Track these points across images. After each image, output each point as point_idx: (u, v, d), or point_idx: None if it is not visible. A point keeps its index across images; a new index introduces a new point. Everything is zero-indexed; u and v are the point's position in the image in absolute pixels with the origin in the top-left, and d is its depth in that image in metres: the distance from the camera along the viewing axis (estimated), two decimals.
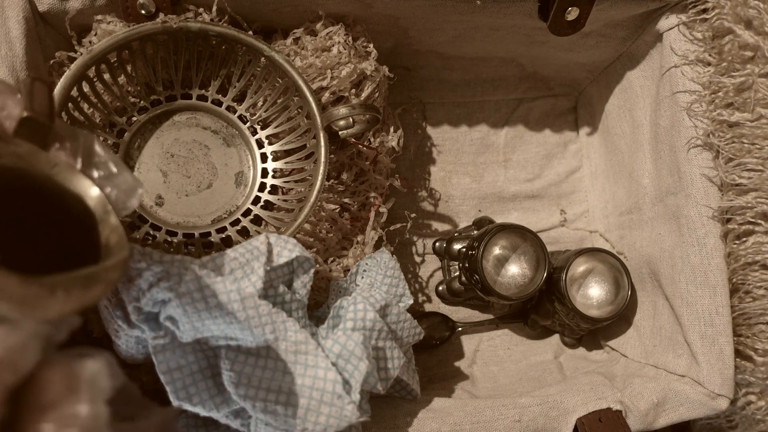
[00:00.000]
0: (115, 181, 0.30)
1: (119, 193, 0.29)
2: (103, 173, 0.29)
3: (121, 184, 0.30)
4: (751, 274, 0.49)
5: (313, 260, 0.42)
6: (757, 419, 0.52)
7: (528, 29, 0.54)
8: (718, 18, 0.47)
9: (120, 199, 0.29)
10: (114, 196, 0.29)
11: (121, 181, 0.30)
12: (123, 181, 0.30)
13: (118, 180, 0.30)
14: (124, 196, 0.30)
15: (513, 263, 0.56)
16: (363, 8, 0.49)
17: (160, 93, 0.48)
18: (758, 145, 0.47)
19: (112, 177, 0.30)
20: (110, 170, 0.30)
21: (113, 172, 0.30)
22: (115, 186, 0.29)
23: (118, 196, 0.29)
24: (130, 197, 0.30)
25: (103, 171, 0.30)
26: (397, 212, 0.60)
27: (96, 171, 0.29)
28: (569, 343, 0.63)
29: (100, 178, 0.29)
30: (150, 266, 0.36)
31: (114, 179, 0.30)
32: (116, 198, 0.29)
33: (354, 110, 0.45)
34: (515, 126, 0.69)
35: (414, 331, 0.47)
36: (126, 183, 0.30)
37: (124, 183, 0.30)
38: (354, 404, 0.38)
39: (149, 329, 0.37)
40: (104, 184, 0.29)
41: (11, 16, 0.43)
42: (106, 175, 0.29)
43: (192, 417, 0.42)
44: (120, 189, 0.30)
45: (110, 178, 0.30)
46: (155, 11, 0.45)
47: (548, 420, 0.47)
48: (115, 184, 0.29)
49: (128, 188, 0.30)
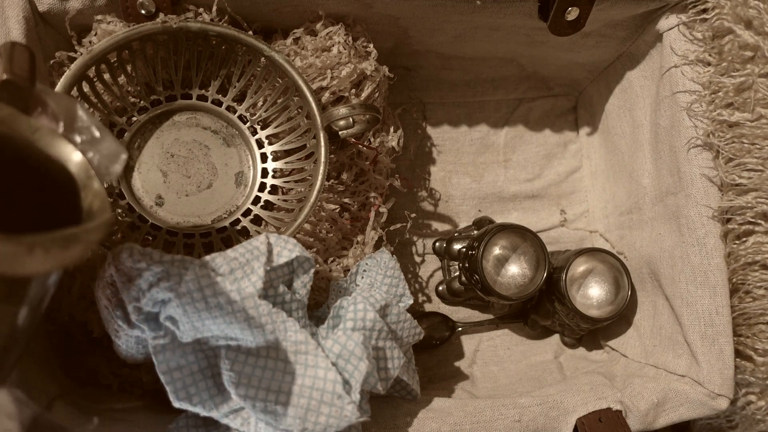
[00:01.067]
0: (98, 146, 0.29)
1: (102, 158, 0.29)
2: (85, 138, 0.29)
3: (104, 150, 0.29)
4: (751, 274, 0.49)
5: (313, 260, 0.42)
6: (757, 419, 0.52)
7: (528, 29, 0.54)
8: (718, 18, 0.47)
9: (103, 165, 0.29)
10: (97, 161, 0.29)
11: (105, 146, 0.29)
12: (106, 146, 0.29)
13: (102, 145, 0.29)
14: (107, 162, 0.29)
15: (513, 263, 0.56)
16: (363, 8, 0.49)
17: (160, 93, 0.48)
18: (758, 145, 0.47)
19: (95, 142, 0.29)
20: (93, 135, 0.29)
21: (96, 137, 0.29)
22: (98, 151, 0.29)
23: (100, 161, 0.29)
24: (113, 162, 0.29)
25: (85, 136, 0.29)
26: (397, 212, 0.60)
27: (79, 136, 0.29)
28: (569, 343, 0.63)
29: (83, 143, 0.29)
30: (150, 266, 0.36)
31: (97, 144, 0.29)
32: (99, 163, 0.29)
33: (354, 110, 0.45)
34: (515, 126, 0.69)
35: (414, 331, 0.47)
36: (109, 148, 0.29)
37: (107, 148, 0.29)
38: (354, 404, 0.38)
39: (149, 329, 0.37)
40: (87, 149, 0.29)
41: (11, 16, 0.43)
42: (89, 139, 0.29)
43: (192, 417, 0.42)
44: (103, 154, 0.29)
45: (93, 143, 0.29)
46: (155, 11, 0.45)
47: (548, 420, 0.47)
48: (98, 150, 0.29)
49: (111, 153, 0.29)
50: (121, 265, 0.36)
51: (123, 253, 0.36)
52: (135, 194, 0.47)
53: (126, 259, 0.36)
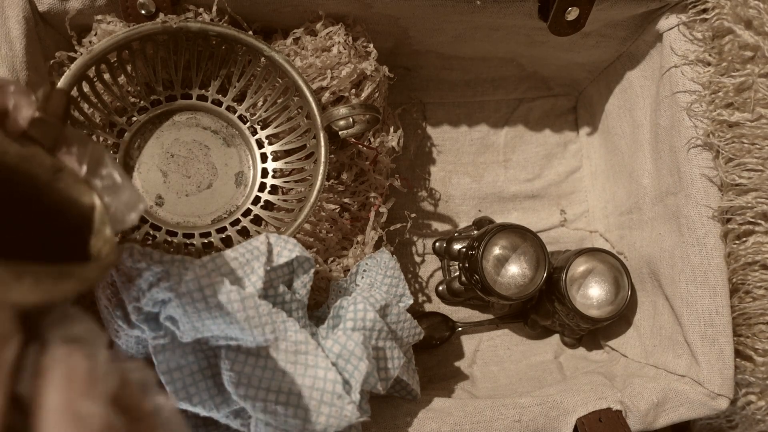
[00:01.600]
0: (118, 193, 0.29)
1: (120, 205, 0.29)
2: (106, 183, 0.29)
3: (124, 197, 0.29)
4: (751, 274, 0.49)
5: (313, 260, 0.42)
6: (757, 419, 0.52)
7: (528, 29, 0.54)
8: (718, 18, 0.47)
9: (119, 212, 0.29)
10: (114, 208, 0.29)
11: (125, 194, 0.29)
12: (126, 195, 0.29)
13: (121, 193, 0.29)
14: (124, 209, 0.29)
15: (513, 263, 0.56)
16: (363, 8, 0.49)
17: (160, 93, 0.48)
18: (758, 145, 0.47)
19: (116, 189, 0.29)
20: (115, 182, 0.29)
21: (117, 184, 0.29)
22: (117, 198, 0.29)
23: (118, 208, 0.29)
24: (130, 211, 0.29)
25: (107, 182, 0.29)
26: (397, 212, 0.60)
27: (100, 181, 0.29)
28: (569, 343, 0.63)
29: (104, 188, 0.29)
30: (150, 266, 0.36)
31: (117, 192, 0.29)
32: (116, 210, 0.29)
33: (354, 110, 0.45)
34: (515, 126, 0.69)
35: (414, 331, 0.47)
36: (129, 197, 0.29)
37: (127, 197, 0.29)
38: (354, 404, 0.38)
39: (149, 329, 0.37)
40: (106, 194, 0.29)
41: (11, 16, 0.43)
42: (110, 185, 0.29)
43: (192, 417, 0.42)
44: (121, 201, 0.29)
45: (113, 190, 0.29)
46: (155, 11, 0.45)
47: (548, 420, 0.47)
48: (118, 197, 0.29)
49: (130, 202, 0.29)
50: (121, 265, 0.36)
51: (123, 253, 0.36)
52: None
53: (126, 259, 0.36)
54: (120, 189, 0.30)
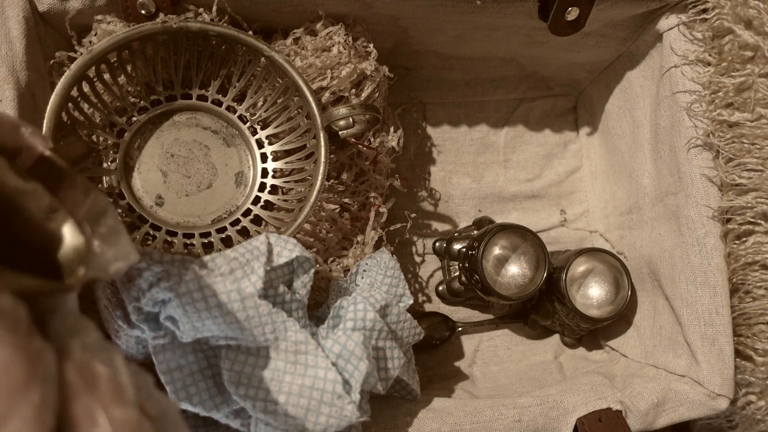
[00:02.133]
0: (113, 243, 0.28)
1: (110, 254, 0.28)
2: (103, 232, 0.28)
3: (117, 248, 0.28)
4: (751, 274, 0.49)
5: (313, 260, 0.42)
6: (757, 419, 0.52)
7: (528, 29, 0.54)
8: (718, 18, 0.47)
9: (107, 260, 0.28)
10: (103, 255, 0.28)
11: (118, 246, 0.28)
12: (120, 246, 0.28)
13: (116, 244, 0.28)
14: (112, 259, 0.28)
15: (513, 263, 0.56)
16: (363, 8, 0.49)
17: (160, 93, 0.48)
18: (758, 145, 0.47)
19: (111, 239, 0.28)
20: (112, 231, 0.28)
21: (114, 235, 0.28)
22: (109, 248, 0.28)
23: (106, 256, 0.28)
24: (117, 261, 0.28)
25: (104, 229, 0.29)
26: (397, 212, 0.60)
27: (98, 228, 0.29)
28: (569, 343, 0.63)
29: (99, 235, 0.28)
30: (150, 266, 0.36)
31: (112, 242, 0.28)
32: (103, 258, 0.28)
33: (354, 110, 0.45)
34: (515, 126, 0.69)
35: (414, 331, 0.47)
36: (122, 249, 0.28)
37: (120, 248, 0.28)
38: (354, 404, 0.38)
39: (149, 329, 0.37)
40: (100, 241, 0.28)
41: (11, 16, 0.43)
42: (106, 234, 0.28)
43: (192, 417, 0.42)
44: (113, 252, 0.28)
45: (108, 239, 0.28)
46: (155, 11, 0.45)
47: (548, 420, 0.47)
48: (111, 246, 0.28)
49: (121, 254, 0.28)
50: None
51: None
52: (135, 194, 0.47)
53: None
54: (116, 239, 0.29)
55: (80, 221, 0.28)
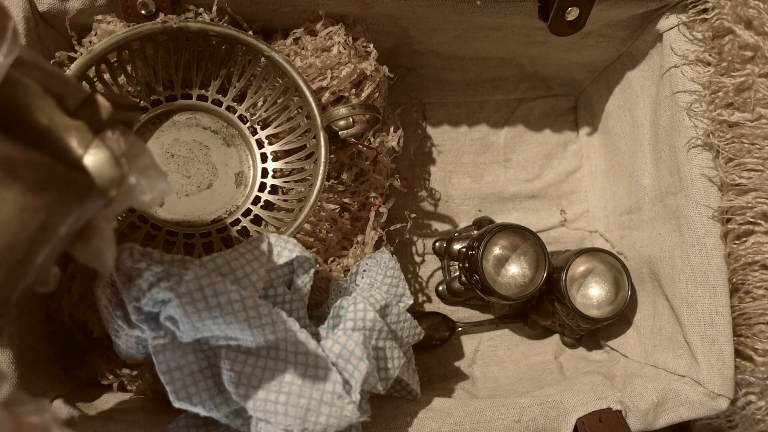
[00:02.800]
0: (146, 174, 0.29)
1: (143, 183, 0.29)
2: (139, 166, 0.29)
3: (150, 179, 0.29)
4: (751, 274, 0.49)
5: (313, 260, 0.42)
6: (757, 419, 0.52)
7: (528, 29, 0.54)
8: (718, 18, 0.47)
9: (139, 188, 0.29)
10: (134, 183, 0.29)
11: (153, 178, 0.29)
12: (155, 178, 0.29)
13: (151, 176, 0.29)
14: (145, 188, 0.29)
15: (513, 263, 0.56)
16: (363, 8, 0.49)
17: (160, 93, 0.48)
18: (758, 145, 0.47)
19: (146, 171, 0.29)
20: (148, 167, 0.29)
21: (150, 169, 0.29)
22: (142, 177, 0.29)
23: (139, 184, 0.29)
24: (150, 192, 0.29)
25: (140, 165, 0.29)
26: (397, 212, 0.60)
27: (135, 162, 0.29)
28: (569, 343, 0.63)
29: (135, 169, 0.29)
30: (150, 266, 0.36)
31: (146, 173, 0.29)
32: (136, 185, 0.29)
33: (354, 110, 0.45)
34: (515, 126, 0.69)
35: (414, 331, 0.47)
36: (156, 180, 0.29)
37: (155, 180, 0.29)
38: (354, 404, 0.38)
39: (149, 329, 0.37)
40: (135, 172, 0.29)
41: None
42: (141, 168, 0.29)
43: (192, 417, 0.42)
44: (146, 181, 0.29)
45: (143, 172, 0.29)
46: (155, 11, 0.45)
47: (548, 420, 0.47)
48: (144, 176, 0.29)
49: (153, 184, 0.29)
50: (121, 265, 0.36)
51: (123, 253, 0.36)
52: None
53: (126, 259, 0.36)
54: (151, 173, 0.29)
55: (119, 156, 0.28)
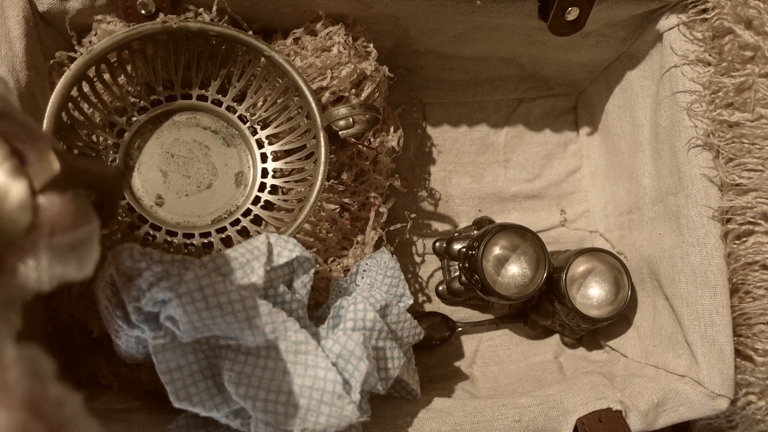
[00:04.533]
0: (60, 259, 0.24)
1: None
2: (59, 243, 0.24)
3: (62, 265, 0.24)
4: (751, 274, 0.49)
5: (313, 260, 0.42)
6: (757, 419, 0.52)
7: (528, 29, 0.54)
8: (718, 18, 0.47)
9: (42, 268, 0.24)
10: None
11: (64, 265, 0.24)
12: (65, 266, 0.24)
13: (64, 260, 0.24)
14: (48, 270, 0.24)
15: (513, 263, 0.56)
16: (363, 8, 0.49)
17: (160, 93, 0.48)
18: (758, 145, 0.47)
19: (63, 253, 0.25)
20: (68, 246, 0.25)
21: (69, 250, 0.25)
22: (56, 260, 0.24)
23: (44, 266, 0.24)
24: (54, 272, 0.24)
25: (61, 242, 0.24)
26: (397, 212, 0.60)
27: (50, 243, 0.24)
28: (569, 343, 0.63)
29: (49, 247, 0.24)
30: (150, 266, 0.36)
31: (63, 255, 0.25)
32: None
33: (354, 110, 0.45)
34: (515, 126, 0.69)
35: (414, 331, 0.47)
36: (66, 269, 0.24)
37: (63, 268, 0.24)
38: (354, 404, 0.38)
39: (149, 329, 0.37)
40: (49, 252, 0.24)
41: (11, 16, 0.43)
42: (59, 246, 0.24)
43: (192, 417, 0.42)
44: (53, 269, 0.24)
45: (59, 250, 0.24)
46: (155, 11, 0.45)
47: (548, 420, 0.47)
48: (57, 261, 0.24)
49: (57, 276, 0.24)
50: (121, 265, 0.36)
51: (123, 253, 0.36)
52: (135, 194, 0.47)
53: (126, 259, 0.36)
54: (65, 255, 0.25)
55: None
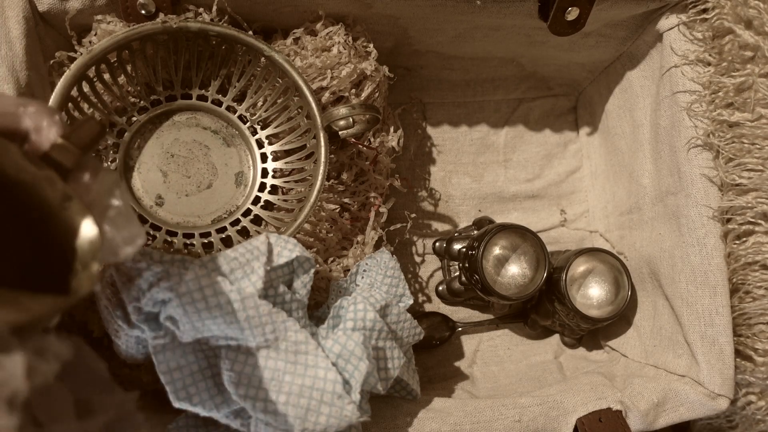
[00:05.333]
0: (121, 226, 0.29)
1: (119, 238, 0.28)
2: (111, 214, 0.29)
3: (125, 232, 0.29)
4: (751, 274, 0.49)
5: (313, 260, 0.42)
6: (757, 419, 0.52)
7: (528, 29, 0.54)
8: (718, 18, 0.47)
9: (117, 244, 0.28)
10: (113, 239, 0.28)
11: (127, 228, 0.29)
12: (129, 229, 0.29)
13: (124, 226, 0.29)
14: (122, 243, 0.28)
15: (513, 263, 0.56)
16: (363, 8, 0.49)
17: (160, 93, 0.48)
18: (758, 145, 0.47)
19: (120, 221, 0.29)
20: (120, 213, 0.29)
21: (122, 216, 0.29)
22: (118, 231, 0.28)
23: (116, 240, 0.28)
24: (127, 245, 0.28)
25: (112, 212, 0.29)
26: (397, 212, 0.60)
27: (107, 211, 0.29)
28: (569, 343, 0.63)
29: (108, 218, 0.28)
30: (150, 266, 0.36)
31: (120, 224, 0.29)
32: (114, 241, 0.28)
33: (354, 110, 0.45)
34: (515, 126, 0.69)
35: (414, 331, 0.47)
36: (131, 231, 0.29)
37: (129, 231, 0.29)
38: (354, 404, 0.38)
39: (149, 329, 0.37)
40: (109, 225, 0.28)
41: (11, 16, 0.43)
42: (114, 217, 0.29)
43: (192, 417, 0.42)
44: (122, 234, 0.28)
45: (117, 222, 0.29)
46: (155, 11, 0.45)
47: (548, 420, 0.47)
48: (120, 229, 0.28)
49: (131, 236, 0.29)
50: (121, 265, 0.36)
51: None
52: (135, 194, 0.47)
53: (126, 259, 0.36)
54: (124, 222, 0.29)
55: (90, 204, 0.28)
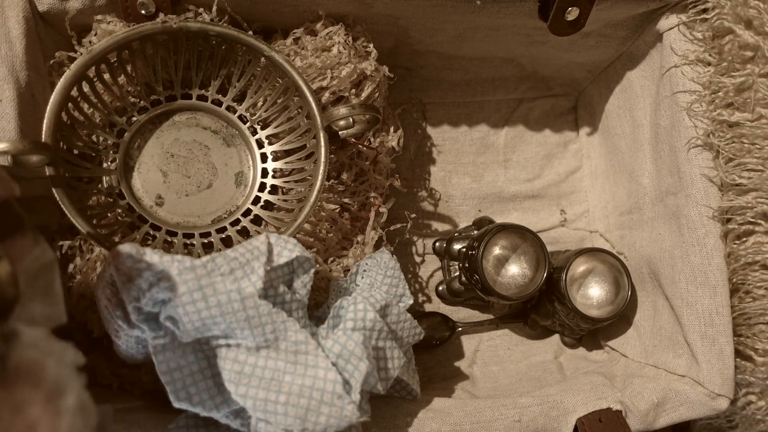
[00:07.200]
0: (45, 300, 0.25)
1: (36, 310, 0.25)
2: (41, 285, 0.25)
3: (48, 308, 0.25)
4: (751, 274, 0.49)
5: (313, 260, 0.42)
6: (757, 419, 0.52)
7: (528, 29, 0.54)
8: (718, 18, 0.47)
9: (31, 314, 0.25)
10: (29, 308, 0.25)
11: (50, 306, 0.25)
12: (51, 307, 0.25)
13: (48, 303, 0.25)
14: (38, 316, 0.25)
15: (513, 263, 0.56)
16: (363, 8, 0.49)
17: (160, 93, 0.48)
18: (758, 145, 0.47)
19: (45, 294, 0.25)
20: (49, 287, 0.26)
21: (50, 291, 0.26)
22: (39, 303, 0.25)
23: (33, 310, 0.25)
24: (42, 321, 0.25)
25: (41, 283, 0.25)
26: (397, 212, 0.60)
27: (35, 281, 0.25)
28: (569, 343, 0.63)
29: (35, 287, 0.25)
30: (150, 266, 0.36)
31: (45, 298, 0.25)
32: (30, 310, 0.25)
33: (354, 110, 0.45)
34: (515, 126, 0.69)
35: (414, 331, 0.47)
36: (52, 311, 0.25)
37: (51, 309, 0.25)
38: (354, 404, 0.38)
39: (149, 329, 0.37)
40: (33, 294, 0.25)
41: (11, 16, 0.43)
42: (42, 287, 0.25)
43: (192, 417, 0.42)
44: (39, 310, 0.25)
45: (42, 294, 0.25)
46: (155, 11, 0.45)
47: (548, 420, 0.47)
48: (43, 303, 0.25)
49: (49, 315, 0.25)
50: (121, 265, 0.36)
51: (123, 253, 0.36)
52: (135, 194, 0.47)
53: (126, 259, 0.36)
54: (50, 299, 0.26)
55: (20, 273, 0.25)
